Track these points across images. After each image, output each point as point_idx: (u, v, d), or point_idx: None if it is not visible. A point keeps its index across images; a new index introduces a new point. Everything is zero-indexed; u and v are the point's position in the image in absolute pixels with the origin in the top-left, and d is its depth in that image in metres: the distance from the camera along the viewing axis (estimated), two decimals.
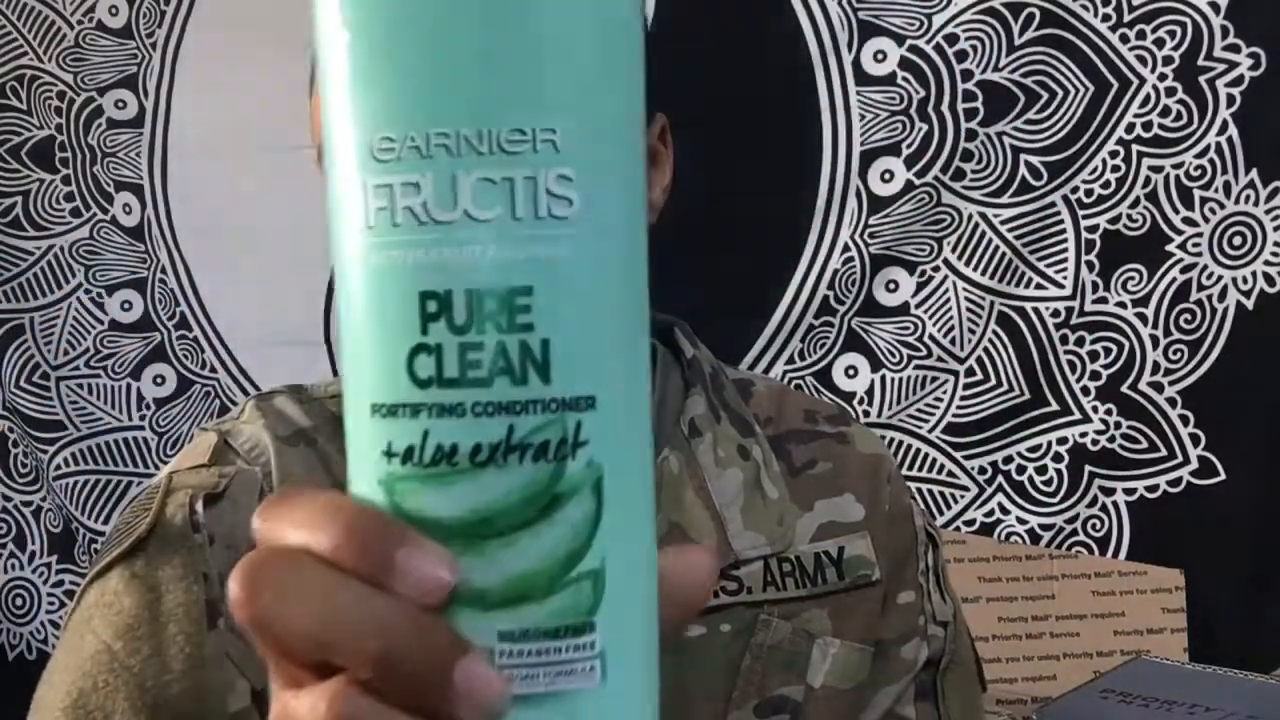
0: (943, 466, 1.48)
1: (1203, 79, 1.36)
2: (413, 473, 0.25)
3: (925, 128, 1.41)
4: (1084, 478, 1.45)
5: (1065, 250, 1.42)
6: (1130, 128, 1.38)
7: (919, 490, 1.48)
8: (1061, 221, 1.42)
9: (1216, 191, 1.38)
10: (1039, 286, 1.43)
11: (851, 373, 1.48)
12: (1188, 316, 1.41)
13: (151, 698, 0.54)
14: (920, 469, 1.48)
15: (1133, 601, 1.42)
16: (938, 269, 1.44)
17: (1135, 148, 1.39)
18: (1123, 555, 1.45)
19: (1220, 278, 1.40)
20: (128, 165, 1.56)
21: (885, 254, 1.44)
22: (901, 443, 1.48)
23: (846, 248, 1.44)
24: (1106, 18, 1.37)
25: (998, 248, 1.43)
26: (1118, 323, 1.42)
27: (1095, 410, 1.44)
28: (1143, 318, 1.42)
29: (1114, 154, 1.39)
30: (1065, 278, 1.43)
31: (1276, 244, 1.38)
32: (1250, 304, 1.40)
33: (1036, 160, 1.40)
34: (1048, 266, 1.43)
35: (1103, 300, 1.42)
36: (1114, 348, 1.43)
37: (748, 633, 0.63)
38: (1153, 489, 1.44)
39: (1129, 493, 1.44)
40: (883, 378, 1.47)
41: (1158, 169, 1.39)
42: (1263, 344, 1.39)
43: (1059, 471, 1.45)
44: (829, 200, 1.44)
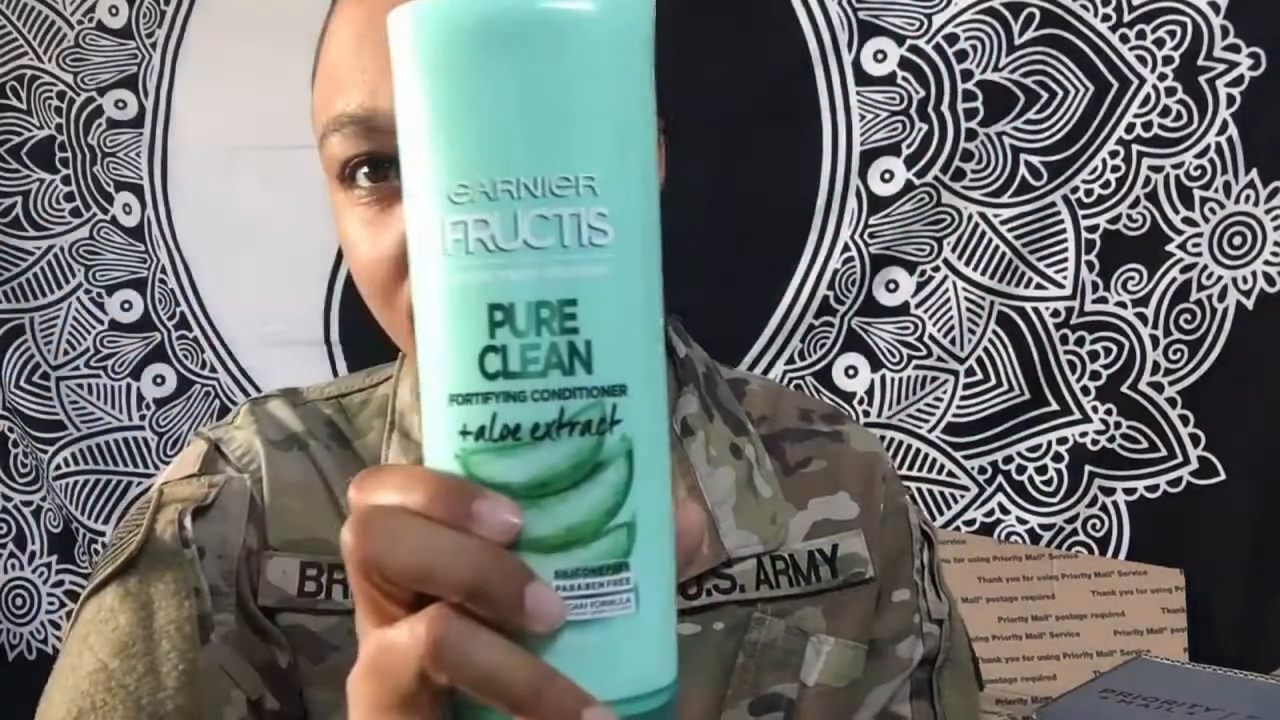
0: (943, 466, 1.48)
1: (1203, 79, 1.36)
2: (484, 447, 0.31)
3: (925, 128, 1.41)
4: (1084, 478, 1.45)
5: (1065, 250, 1.42)
6: (1130, 128, 1.39)
7: (919, 490, 1.48)
8: (1061, 221, 1.42)
9: (1216, 191, 1.38)
10: (1039, 286, 1.43)
11: (851, 373, 1.48)
12: (1188, 316, 1.41)
13: (148, 715, 0.54)
14: (920, 469, 1.48)
15: (1133, 601, 1.42)
16: (938, 269, 1.44)
17: (1135, 148, 1.39)
18: (1123, 555, 1.45)
19: (1220, 278, 1.40)
20: (128, 165, 1.56)
21: (885, 254, 1.44)
22: (901, 443, 1.48)
23: (846, 248, 1.44)
24: (1106, 18, 1.37)
25: (998, 248, 1.43)
26: (1118, 323, 1.42)
27: (1095, 410, 1.44)
28: (1143, 318, 1.42)
29: (1114, 154, 1.39)
30: (1065, 278, 1.43)
31: (1276, 244, 1.38)
32: (1250, 304, 1.40)
33: (1036, 160, 1.40)
34: (1048, 266, 1.43)
35: (1103, 300, 1.42)
36: (1114, 348, 1.43)
37: (741, 631, 0.63)
38: (1153, 489, 1.44)
39: (1129, 493, 1.44)
40: (883, 378, 1.47)
41: (1158, 169, 1.39)
42: (1263, 344, 1.39)
43: (1059, 471, 1.45)
44: (829, 200, 1.44)
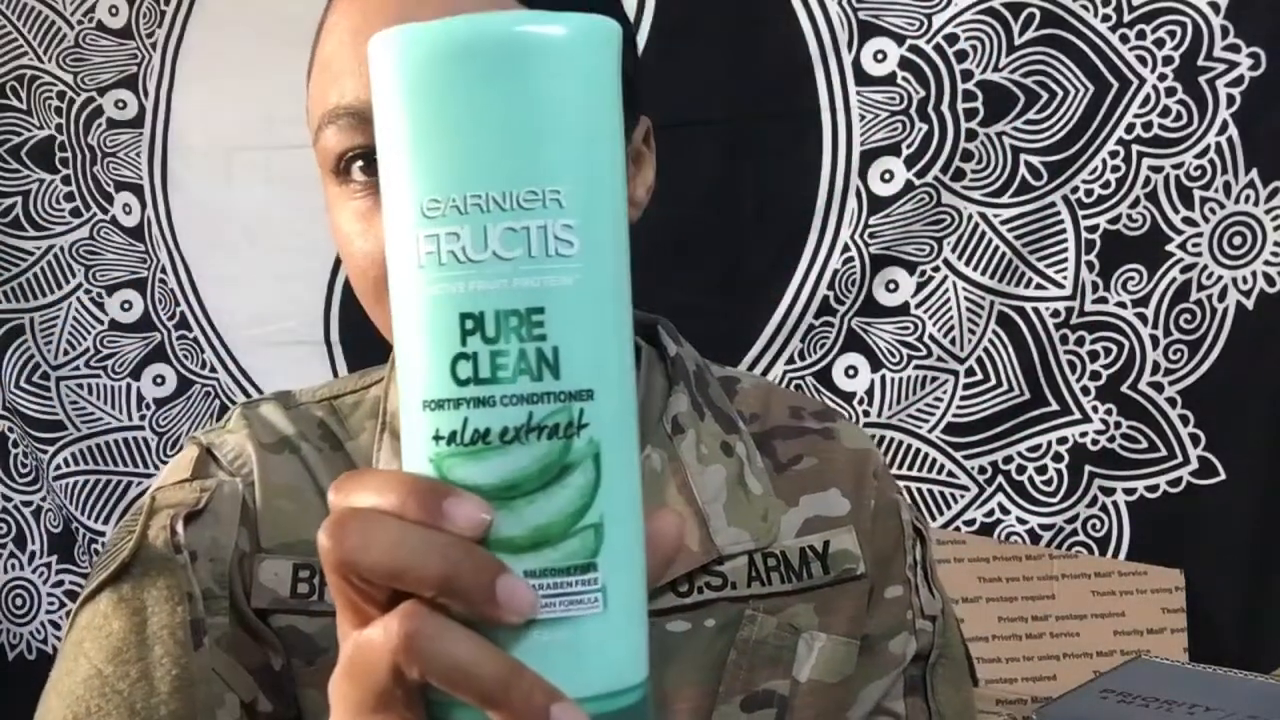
0: (943, 466, 1.48)
1: (1203, 79, 1.36)
2: (456, 451, 0.32)
3: (925, 128, 1.41)
4: (1084, 478, 1.45)
5: (1065, 250, 1.42)
6: (1130, 128, 1.39)
7: (919, 490, 1.48)
8: (1061, 221, 1.42)
9: (1216, 191, 1.38)
10: (1039, 286, 1.43)
11: (851, 373, 1.48)
12: (1188, 316, 1.41)
13: None
14: (920, 469, 1.48)
15: (1133, 601, 1.42)
16: (938, 269, 1.44)
17: (1135, 148, 1.39)
18: (1123, 555, 1.45)
19: (1220, 278, 1.40)
20: (128, 165, 1.56)
21: (885, 254, 1.44)
22: (901, 443, 1.48)
23: (846, 248, 1.44)
24: (1106, 18, 1.37)
25: (998, 248, 1.43)
26: (1118, 323, 1.42)
27: (1095, 410, 1.44)
28: (1143, 318, 1.42)
29: (1114, 154, 1.39)
30: (1065, 278, 1.43)
31: (1276, 244, 1.38)
32: (1250, 304, 1.40)
33: (1036, 160, 1.40)
34: (1048, 266, 1.43)
35: (1103, 300, 1.42)
36: (1114, 348, 1.43)
37: (733, 628, 0.64)
38: (1153, 489, 1.44)
39: (1129, 493, 1.44)
40: (883, 378, 1.47)
41: (1158, 169, 1.39)
42: (1263, 344, 1.39)
43: (1059, 471, 1.45)
44: (829, 200, 1.44)
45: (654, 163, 0.65)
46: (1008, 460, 1.46)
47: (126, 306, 1.59)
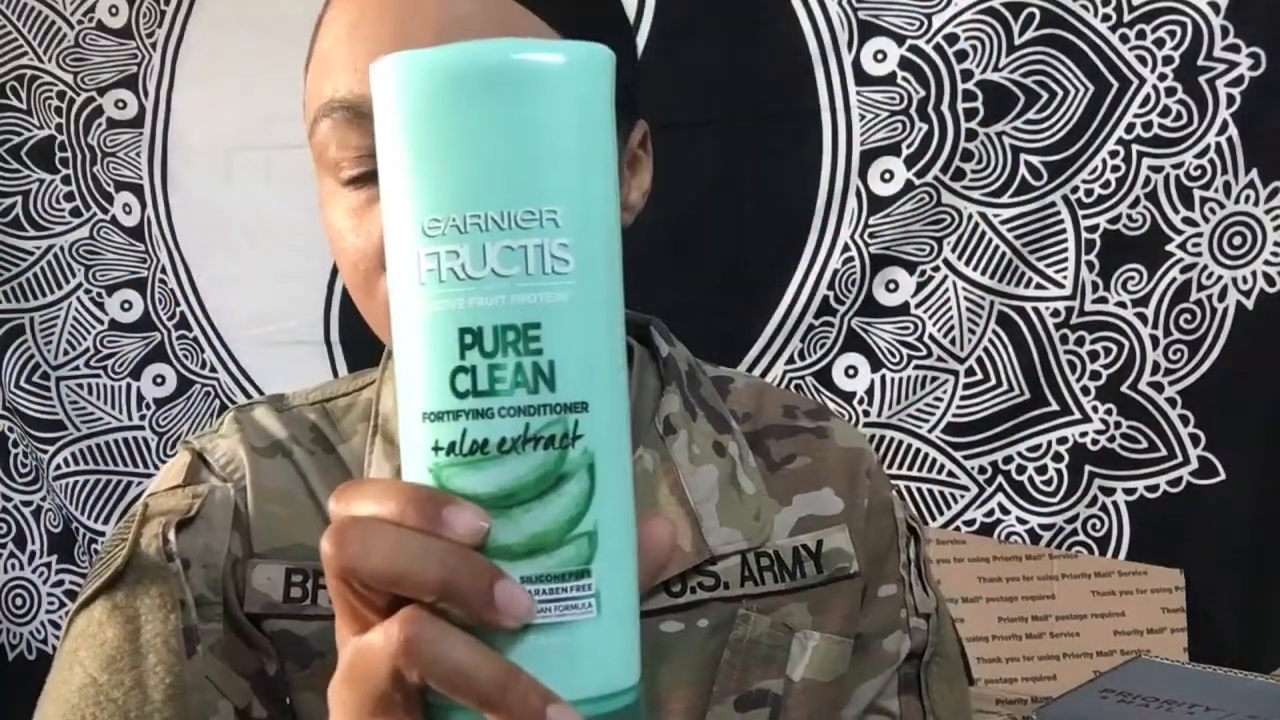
0: (943, 466, 1.48)
1: (1203, 79, 1.36)
2: (455, 461, 0.33)
3: (925, 128, 1.41)
4: (1084, 478, 1.45)
5: (1065, 250, 1.42)
6: (1130, 128, 1.39)
7: (919, 490, 1.48)
8: (1061, 221, 1.42)
9: (1216, 191, 1.38)
10: (1039, 286, 1.43)
11: (851, 373, 1.48)
12: (1188, 316, 1.41)
13: None
14: (920, 469, 1.48)
15: (1133, 601, 1.42)
16: (938, 269, 1.44)
17: (1135, 148, 1.39)
18: (1123, 555, 1.45)
19: (1220, 278, 1.40)
20: (128, 165, 1.56)
21: (885, 254, 1.44)
22: (901, 443, 1.48)
23: (846, 248, 1.44)
24: (1106, 18, 1.37)
25: (998, 248, 1.43)
26: (1118, 323, 1.42)
27: (1095, 410, 1.44)
28: (1143, 318, 1.42)
29: (1114, 154, 1.39)
30: (1065, 278, 1.43)
31: (1276, 244, 1.38)
32: (1250, 304, 1.40)
33: (1036, 160, 1.40)
34: (1048, 266, 1.43)
35: (1103, 300, 1.42)
36: (1114, 348, 1.43)
37: (726, 628, 0.63)
38: (1153, 489, 1.44)
39: (1129, 493, 1.44)
40: (883, 378, 1.47)
41: (1158, 169, 1.39)
42: (1263, 344, 1.39)
43: (1059, 471, 1.45)
44: (829, 200, 1.44)
45: (650, 166, 0.65)
46: (1008, 460, 1.46)
47: (126, 306, 1.59)
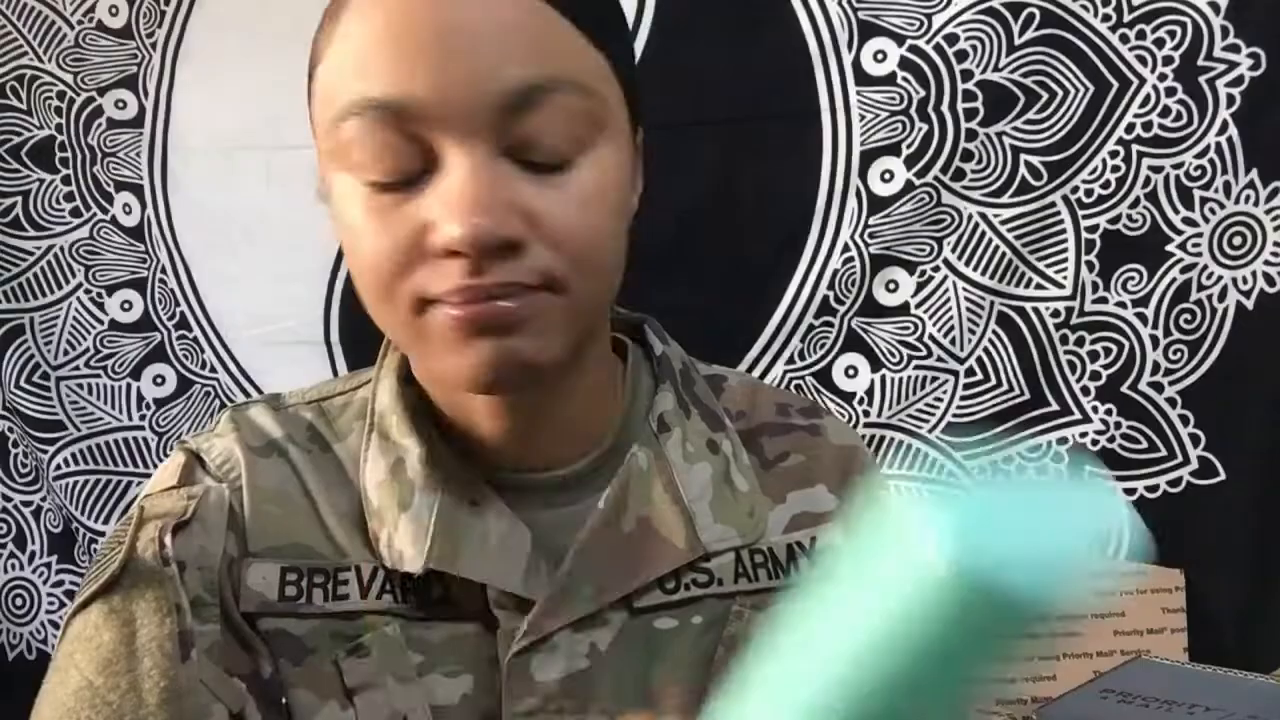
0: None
1: (1203, 79, 1.36)
2: None
3: (925, 128, 1.41)
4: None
5: (1065, 250, 1.42)
6: (1130, 128, 1.38)
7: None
8: (1061, 221, 1.42)
9: (1216, 191, 1.38)
10: (1039, 286, 1.43)
11: (851, 373, 1.48)
12: (1188, 316, 1.41)
13: None
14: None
15: (1133, 601, 1.42)
16: (938, 269, 1.44)
17: (1135, 148, 1.39)
18: (1122, 555, 1.45)
19: (1220, 278, 1.40)
20: (128, 165, 1.56)
21: (885, 254, 1.44)
22: (901, 443, 1.48)
23: (846, 248, 1.44)
24: (1106, 18, 1.37)
25: (998, 248, 1.43)
26: (1118, 323, 1.42)
27: (1095, 410, 1.44)
28: (1143, 318, 1.42)
29: (1114, 154, 1.39)
30: (1065, 278, 1.43)
31: (1276, 244, 1.38)
32: (1250, 304, 1.40)
33: (1036, 160, 1.40)
34: (1048, 266, 1.43)
35: (1103, 300, 1.42)
36: (1114, 348, 1.43)
37: (720, 624, 0.64)
38: (1153, 489, 1.44)
39: (1129, 493, 1.44)
40: (883, 378, 1.47)
41: (1158, 169, 1.39)
42: (1263, 344, 1.39)
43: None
44: (829, 200, 1.44)
45: (641, 169, 0.66)
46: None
47: (126, 306, 1.59)
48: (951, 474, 1.48)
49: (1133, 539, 1.45)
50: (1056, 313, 1.43)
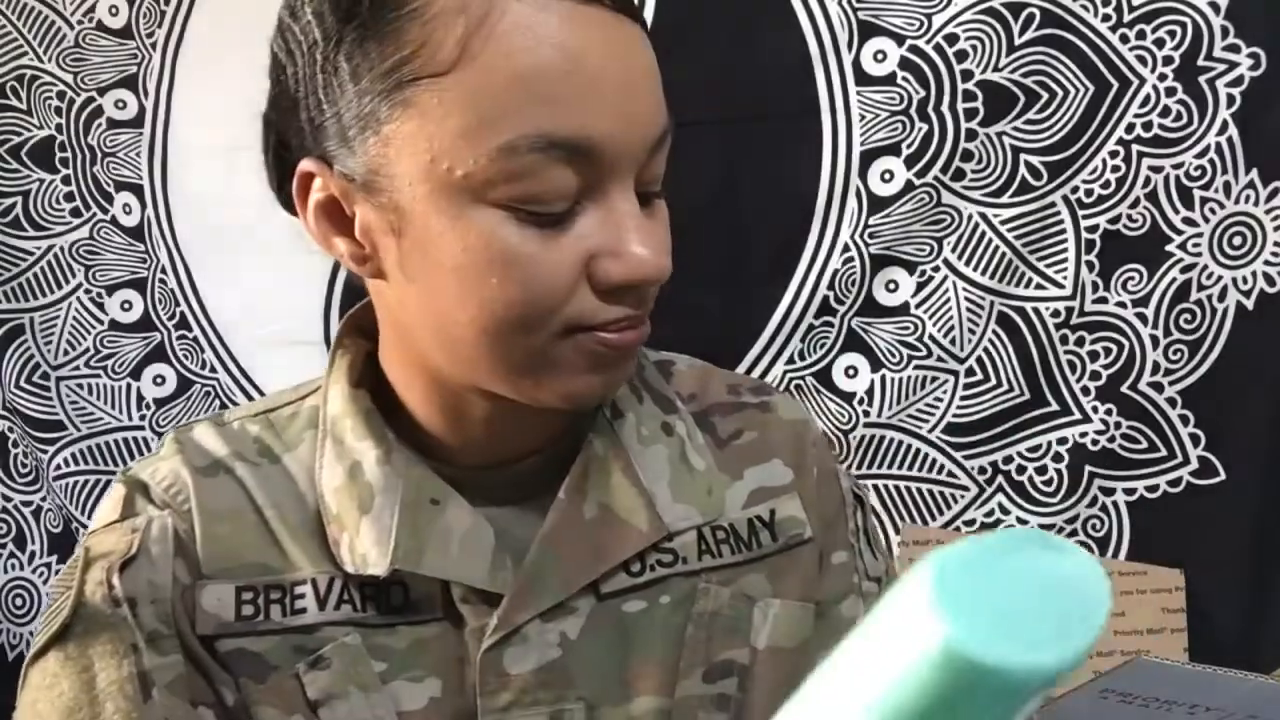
0: (943, 466, 1.48)
1: (1203, 79, 1.36)
2: None
3: (925, 128, 1.41)
4: (1084, 478, 1.45)
5: (1065, 250, 1.42)
6: (1130, 128, 1.38)
7: (919, 490, 1.48)
8: (1061, 221, 1.42)
9: (1216, 191, 1.38)
10: (1039, 286, 1.43)
11: (851, 373, 1.48)
12: (1188, 316, 1.41)
13: None
14: (920, 469, 1.48)
15: (1133, 601, 1.42)
16: (938, 269, 1.44)
17: (1135, 148, 1.39)
18: (1123, 555, 1.45)
19: (1220, 278, 1.40)
20: (128, 165, 1.56)
21: (885, 254, 1.44)
22: (901, 443, 1.48)
23: (846, 248, 1.44)
24: (1106, 18, 1.37)
25: (998, 248, 1.43)
26: (1118, 323, 1.42)
27: (1095, 410, 1.44)
28: (1143, 318, 1.42)
29: (1114, 154, 1.39)
30: (1065, 278, 1.43)
31: (1276, 244, 1.38)
32: (1250, 304, 1.40)
33: (1036, 160, 1.40)
34: (1048, 266, 1.43)
35: (1103, 300, 1.42)
36: (1114, 348, 1.43)
37: (688, 602, 0.65)
38: (1153, 489, 1.44)
39: (1129, 493, 1.44)
40: (883, 378, 1.47)
41: (1158, 169, 1.39)
42: (1263, 344, 1.39)
43: (1059, 471, 1.45)
44: (829, 200, 1.44)
45: None
46: (1008, 460, 1.46)
47: (126, 306, 1.59)
48: (951, 474, 1.48)
49: (1132, 539, 1.45)
50: (1056, 313, 1.43)
